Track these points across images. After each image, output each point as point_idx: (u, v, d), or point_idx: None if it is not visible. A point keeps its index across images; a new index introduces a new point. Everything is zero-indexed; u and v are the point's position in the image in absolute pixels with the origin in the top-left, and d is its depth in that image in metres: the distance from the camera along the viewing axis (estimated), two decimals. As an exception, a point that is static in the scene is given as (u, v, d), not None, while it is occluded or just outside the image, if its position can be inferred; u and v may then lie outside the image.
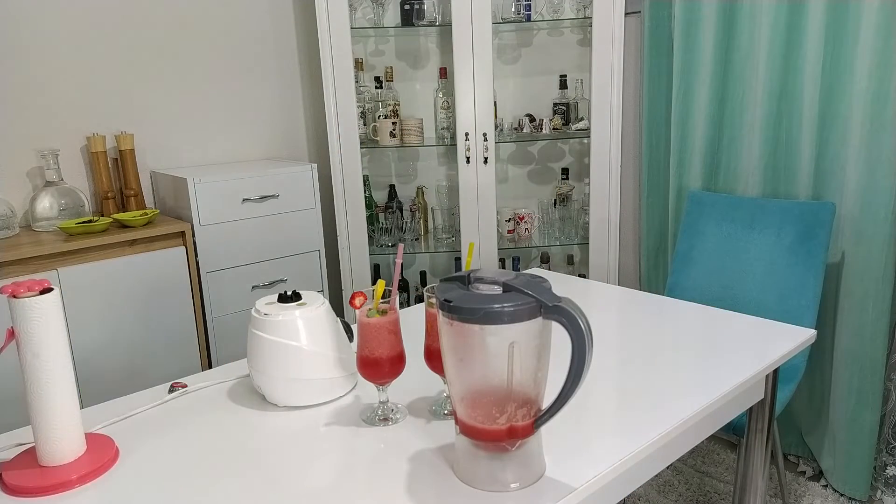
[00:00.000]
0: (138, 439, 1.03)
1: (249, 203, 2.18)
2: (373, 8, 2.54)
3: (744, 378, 1.14)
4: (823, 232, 1.89)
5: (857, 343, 1.93)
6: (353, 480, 0.89)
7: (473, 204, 2.46)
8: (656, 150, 2.49)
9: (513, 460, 0.85)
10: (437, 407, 1.08)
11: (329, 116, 2.39)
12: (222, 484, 0.90)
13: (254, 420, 1.07)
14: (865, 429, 1.94)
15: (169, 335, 2.04)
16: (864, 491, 1.98)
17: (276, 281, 2.28)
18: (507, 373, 0.81)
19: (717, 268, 2.10)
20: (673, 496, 2.09)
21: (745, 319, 1.40)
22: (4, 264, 1.75)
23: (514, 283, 0.82)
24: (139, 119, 2.32)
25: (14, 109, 2.08)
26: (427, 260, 2.88)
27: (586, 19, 2.50)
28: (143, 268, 1.97)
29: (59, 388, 0.91)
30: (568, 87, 2.62)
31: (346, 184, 2.44)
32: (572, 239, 2.64)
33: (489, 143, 2.41)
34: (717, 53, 2.17)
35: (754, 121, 2.10)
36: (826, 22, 1.89)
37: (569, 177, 2.72)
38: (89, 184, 2.23)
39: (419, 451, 0.96)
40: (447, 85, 2.52)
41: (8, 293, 0.88)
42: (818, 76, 1.94)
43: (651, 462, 1.03)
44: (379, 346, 1.01)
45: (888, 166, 1.81)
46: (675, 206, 2.38)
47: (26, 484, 0.89)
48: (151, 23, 2.30)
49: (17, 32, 2.06)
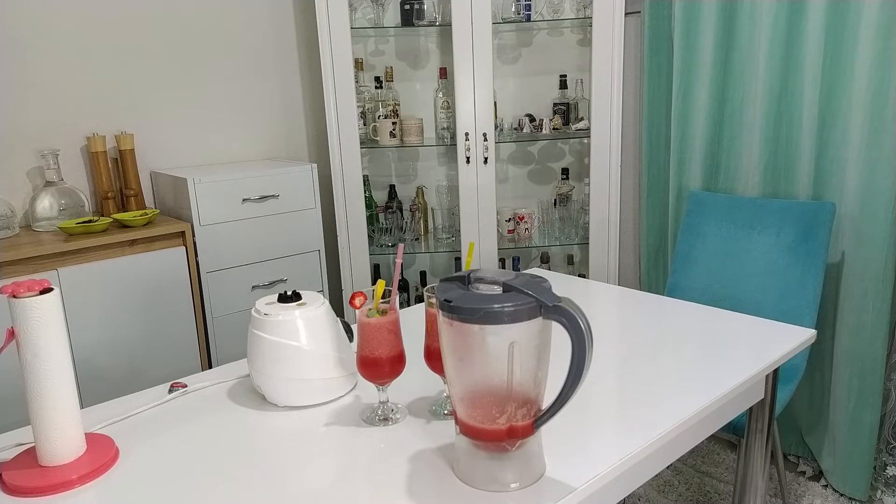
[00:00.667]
0: (138, 439, 1.03)
1: (249, 203, 2.18)
2: (373, 8, 2.54)
3: (744, 378, 1.14)
4: (823, 232, 1.89)
5: (857, 343, 1.93)
6: (353, 480, 0.89)
7: (473, 204, 2.46)
8: (656, 150, 2.49)
9: (513, 460, 0.85)
10: (437, 407, 1.08)
11: (329, 116, 2.39)
12: (222, 484, 0.90)
13: (254, 420, 1.07)
14: (865, 429, 1.94)
15: (169, 335, 2.04)
16: (864, 491, 1.98)
17: (276, 281, 2.28)
18: (507, 373, 0.81)
19: (717, 268, 2.10)
20: (673, 496, 2.09)
21: (745, 319, 1.40)
22: (4, 264, 1.75)
23: (514, 283, 0.82)
24: (139, 119, 2.32)
25: (14, 109, 2.08)
26: (427, 260, 2.88)
27: (586, 19, 2.50)
28: (143, 268, 1.97)
29: (59, 388, 0.91)
30: (568, 87, 2.62)
31: (346, 184, 2.44)
32: (572, 239, 2.64)
33: (489, 143, 2.41)
34: (717, 53, 2.17)
35: (754, 121, 2.10)
36: (826, 22, 1.89)
37: (569, 177, 2.72)
38: (89, 184, 2.23)
39: (419, 451, 0.96)
40: (447, 85, 2.52)
41: (8, 293, 0.88)
42: (818, 76, 1.94)
43: (651, 462, 1.03)
44: (379, 346, 1.01)
45: (888, 166, 1.81)
46: (675, 206, 2.38)
47: (26, 484, 0.89)
48: (151, 23, 2.30)
49: (17, 32, 2.06)
